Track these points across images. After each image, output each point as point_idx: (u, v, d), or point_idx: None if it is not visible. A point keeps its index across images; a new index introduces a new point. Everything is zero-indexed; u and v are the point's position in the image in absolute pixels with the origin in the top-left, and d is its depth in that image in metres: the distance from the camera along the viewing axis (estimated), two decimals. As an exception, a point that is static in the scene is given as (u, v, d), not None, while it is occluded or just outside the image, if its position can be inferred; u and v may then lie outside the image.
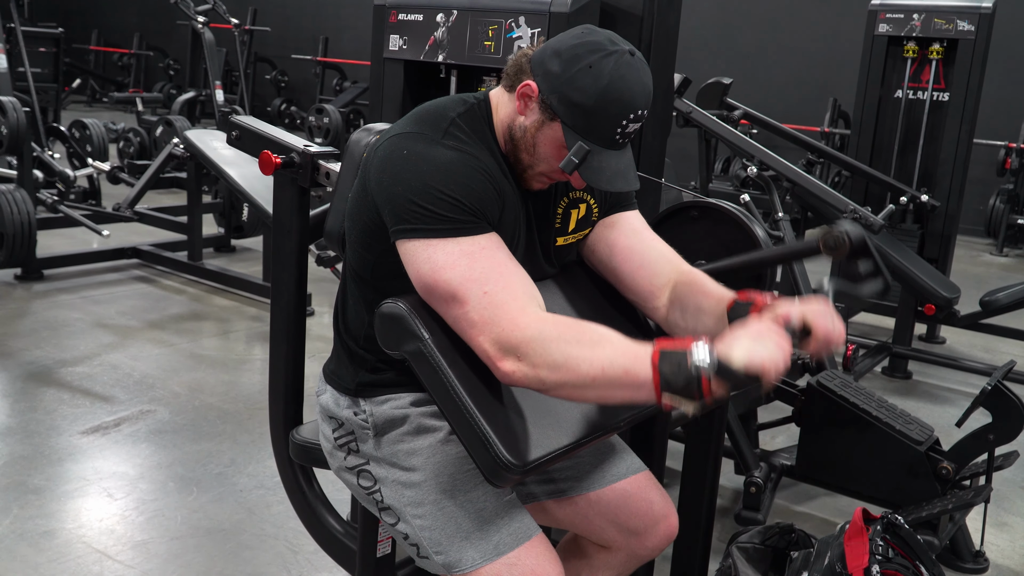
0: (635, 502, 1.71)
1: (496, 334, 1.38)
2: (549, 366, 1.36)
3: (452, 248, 1.41)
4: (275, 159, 1.92)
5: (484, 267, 1.41)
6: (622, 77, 1.43)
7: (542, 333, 1.37)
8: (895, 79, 5.11)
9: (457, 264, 1.41)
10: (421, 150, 1.46)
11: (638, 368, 1.34)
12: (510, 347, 1.37)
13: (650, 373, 1.33)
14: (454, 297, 1.40)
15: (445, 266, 1.41)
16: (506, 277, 1.42)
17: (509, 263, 1.45)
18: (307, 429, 1.96)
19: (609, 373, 1.35)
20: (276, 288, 2.04)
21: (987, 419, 2.61)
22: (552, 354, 1.35)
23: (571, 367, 1.35)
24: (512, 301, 1.39)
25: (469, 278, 1.40)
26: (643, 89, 1.46)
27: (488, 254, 1.43)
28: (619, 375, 1.35)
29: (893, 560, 1.90)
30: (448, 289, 1.40)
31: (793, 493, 3.20)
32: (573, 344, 1.36)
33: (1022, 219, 8.26)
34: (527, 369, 1.37)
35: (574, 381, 1.36)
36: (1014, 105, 8.63)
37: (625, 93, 1.44)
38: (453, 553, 1.52)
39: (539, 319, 1.39)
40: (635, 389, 1.35)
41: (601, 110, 1.43)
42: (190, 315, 4.84)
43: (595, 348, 1.36)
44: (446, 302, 1.41)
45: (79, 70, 14.82)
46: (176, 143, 5.45)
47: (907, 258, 4.32)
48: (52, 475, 2.97)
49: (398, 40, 2.34)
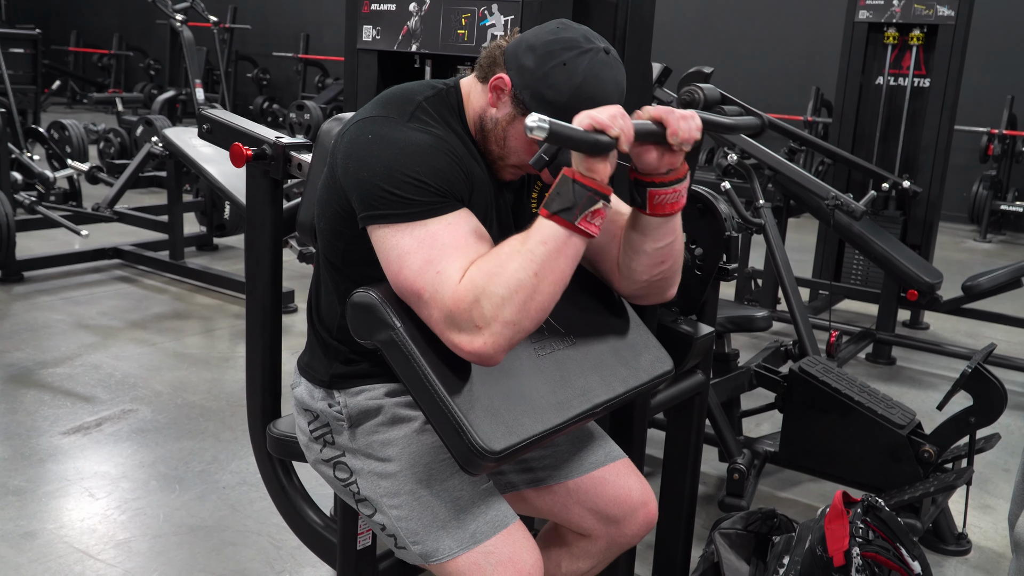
0: (614, 489, 1.70)
1: (447, 314, 1.36)
2: (498, 306, 1.34)
3: (419, 232, 1.40)
4: (246, 151, 1.91)
5: (444, 244, 1.40)
6: (596, 76, 1.43)
7: (476, 288, 1.35)
8: (876, 66, 5.12)
9: (420, 249, 1.40)
10: (386, 133, 1.45)
11: (543, 231, 1.37)
12: (463, 321, 1.35)
13: (551, 223, 1.36)
14: (416, 293, 1.39)
15: (409, 251, 1.40)
16: (460, 248, 1.40)
17: (470, 235, 1.43)
18: (284, 423, 1.95)
19: (537, 259, 1.36)
20: (251, 281, 2.02)
21: (968, 402, 2.62)
22: (494, 296, 1.34)
23: (514, 288, 1.35)
24: (456, 272, 1.38)
25: (428, 260, 1.38)
26: (617, 88, 1.46)
27: (451, 229, 1.42)
28: (543, 252, 1.36)
29: (873, 542, 1.90)
30: (410, 285, 1.39)
31: (777, 479, 3.20)
32: (499, 273, 1.36)
33: (1005, 205, 8.30)
34: (488, 333, 1.35)
35: (526, 294, 1.35)
36: (996, 91, 8.66)
37: (599, 92, 1.43)
38: (430, 543, 1.52)
39: (469, 280, 1.37)
40: (560, 244, 1.36)
41: (574, 108, 1.41)
42: (172, 314, 4.82)
43: (513, 257, 1.37)
44: (410, 300, 1.41)
45: (58, 71, 14.71)
46: (154, 141, 5.42)
47: (890, 244, 4.33)
48: (33, 476, 2.94)
49: (371, 30, 2.33)
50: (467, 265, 1.38)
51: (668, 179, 1.50)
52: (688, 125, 1.44)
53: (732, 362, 3.20)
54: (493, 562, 1.49)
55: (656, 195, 1.50)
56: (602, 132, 1.35)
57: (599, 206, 1.37)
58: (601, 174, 1.37)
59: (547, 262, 1.36)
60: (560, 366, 1.56)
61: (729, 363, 3.17)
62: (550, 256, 1.36)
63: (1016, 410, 3.59)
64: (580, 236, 1.37)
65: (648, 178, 1.50)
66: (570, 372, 1.56)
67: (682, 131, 1.43)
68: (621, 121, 1.36)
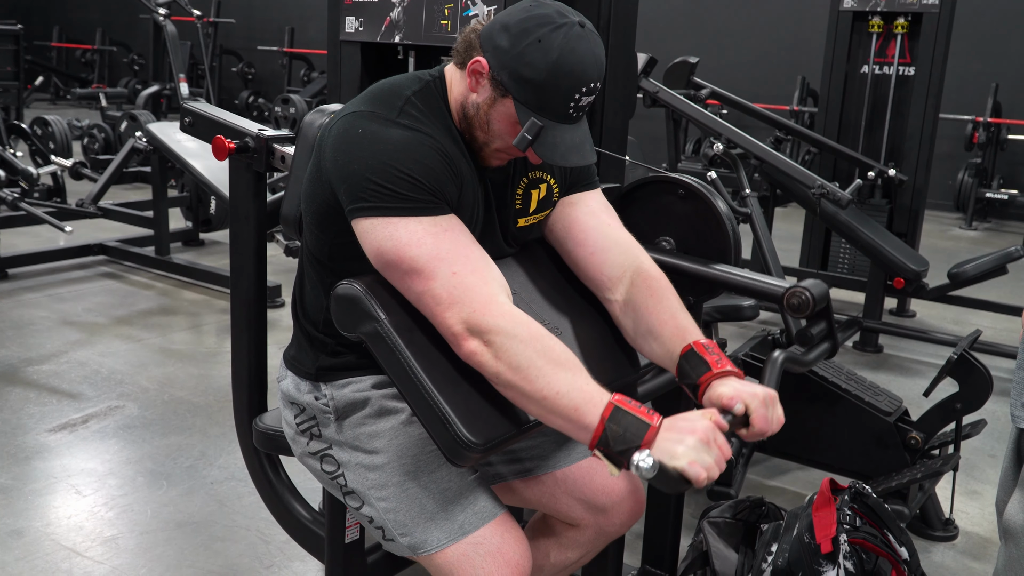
0: (601, 479, 1.70)
1: (466, 315, 1.36)
2: (510, 365, 1.35)
3: (415, 227, 1.40)
4: (228, 144, 1.90)
5: (449, 248, 1.40)
6: (572, 50, 1.41)
7: (514, 330, 1.36)
8: (861, 55, 5.13)
9: (423, 242, 1.39)
10: (376, 129, 1.44)
11: (587, 412, 1.33)
12: (479, 330, 1.36)
13: (596, 424, 1.32)
14: (419, 272, 1.38)
15: (410, 243, 1.39)
16: (473, 261, 1.41)
17: (473, 247, 1.44)
18: (271, 417, 1.94)
19: (560, 401, 1.34)
20: (236, 275, 2.01)
21: (955, 389, 2.63)
22: (518, 355, 1.35)
23: (529, 377, 1.35)
24: (483, 286, 1.38)
25: (436, 256, 1.38)
26: (595, 61, 1.44)
27: (452, 236, 1.42)
28: (567, 408, 1.34)
29: (861, 529, 1.90)
30: (414, 265, 1.39)
31: (765, 468, 3.21)
32: (539, 356, 1.35)
33: (990, 193, 8.33)
34: (489, 357, 1.36)
35: (525, 390, 1.35)
36: (980, 79, 8.69)
37: (576, 66, 1.41)
38: (418, 534, 1.51)
39: (512, 314, 1.38)
40: (575, 427, 1.35)
41: (552, 85, 1.41)
42: (159, 310, 4.80)
43: (557, 370, 1.35)
44: (410, 276, 1.40)
45: (41, 67, 14.59)
46: (139, 136, 5.39)
47: (876, 232, 4.34)
48: (19, 474, 2.93)
49: (354, 22, 2.31)
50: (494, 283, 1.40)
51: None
52: (772, 427, 1.43)
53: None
54: (482, 553, 1.48)
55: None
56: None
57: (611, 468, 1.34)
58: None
59: (557, 409, 1.35)
60: (547, 357, 1.55)
61: (717, 353, 3.17)
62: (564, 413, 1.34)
63: (1002, 396, 3.60)
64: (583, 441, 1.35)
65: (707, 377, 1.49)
66: (557, 363, 1.56)
67: (763, 432, 1.43)
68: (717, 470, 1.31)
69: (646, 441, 1.30)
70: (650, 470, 1.26)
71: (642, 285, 1.61)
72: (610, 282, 1.64)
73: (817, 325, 1.78)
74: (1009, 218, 8.95)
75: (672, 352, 1.55)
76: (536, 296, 1.66)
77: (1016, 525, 1.57)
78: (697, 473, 1.28)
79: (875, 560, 1.88)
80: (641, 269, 1.63)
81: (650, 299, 1.60)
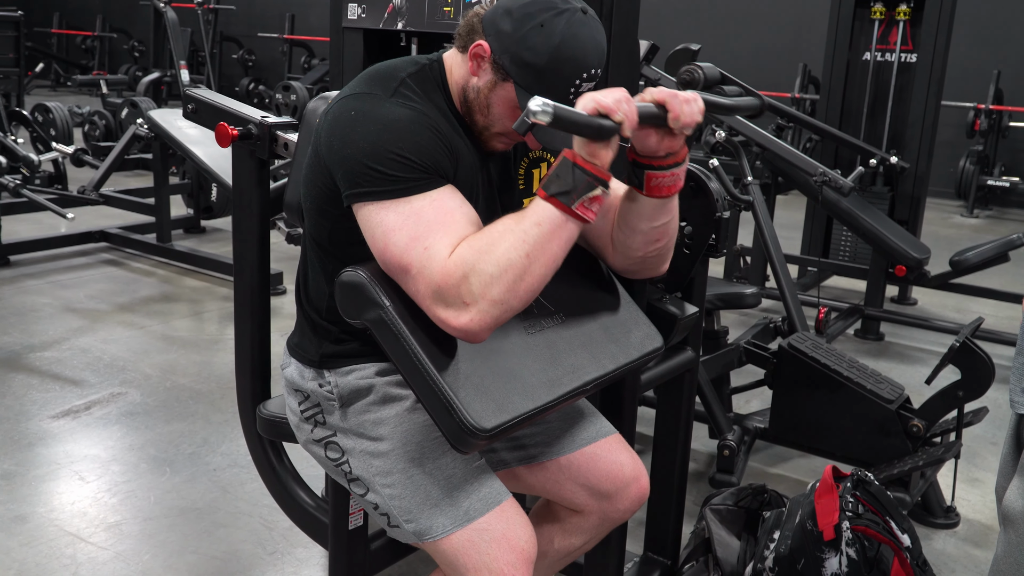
0: (605, 465, 1.70)
1: (434, 289, 1.36)
2: (487, 284, 1.33)
3: (404, 208, 1.40)
4: (232, 131, 1.89)
5: (430, 220, 1.39)
6: (574, 36, 1.41)
7: (466, 264, 1.34)
8: (863, 41, 5.11)
9: (405, 225, 1.39)
10: (368, 109, 1.44)
11: (539, 212, 1.35)
12: (451, 297, 1.35)
13: (548, 205, 1.35)
14: (403, 268, 1.38)
15: (395, 228, 1.39)
16: (447, 224, 1.39)
17: (456, 211, 1.42)
18: (274, 403, 1.94)
19: (530, 240, 1.35)
20: (239, 262, 2.01)
21: (957, 376, 2.63)
22: (483, 274, 1.33)
23: (504, 267, 1.34)
24: (444, 248, 1.37)
25: (414, 237, 1.38)
26: (596, 47, 1.44)
27: (437, 205, 1.41)
28: (536, 234, 1.35)
29: (863, 516, 1.91)
30: (397, 260, 1.38)
31: (767, 455, 3.21)
32: (491, 251, 1.35)
33: (992, 180, 8.32)
34: (475, 310, 1.34)
35: (516, 275, 1.34)
36: (982, 66, 8.66)
37: (578, 52, 1.42)
38: (423, 521, 1.52)
39: (459, 257, 1.36)
40: (555, 227, 1.35)
41: (553, 70, 1.41)
42: (160, 297, 4.80)
43: (505, 236, 1.36)
44: (396, 274, 1.40)
45: (42, 54, 14.56)
46: (140, 123, 5.38)
47: (877, 220, 4.34)
48: (22, 460, 2.93)
49: (356, 8, 2.30)
50: (456, 242, 1.37)
51: (667, 163, 1.48)
52: (691, 109, 1.42)
53: (721, 339, 3.20)
54: (487, 539, 1.49)
55: (654, 177, 1.49)
56: (606, 116, 1.33)
57: (598, 192, 1.36)
58: (603, 159, 1.35)
59: (540, 244, 1.35)
60: (550, 344, 1.56)
61: (719, 340, 3.18)
62: (543, 238, 1.35)
63: (1003, 384, 3.60)
64: (576, 221, 1.37)
65: (647, 160, 1.48)
66: (560, 350, 1.56)
67: (684, 115, 1.41)
68: (626, 106, 1.33)
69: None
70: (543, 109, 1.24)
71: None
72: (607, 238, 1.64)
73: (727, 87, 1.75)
74: (1011, 205, 8.94)
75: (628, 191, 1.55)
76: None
77: (1015, 511, 1.57)
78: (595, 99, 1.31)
79: (877, 547, 1.89)
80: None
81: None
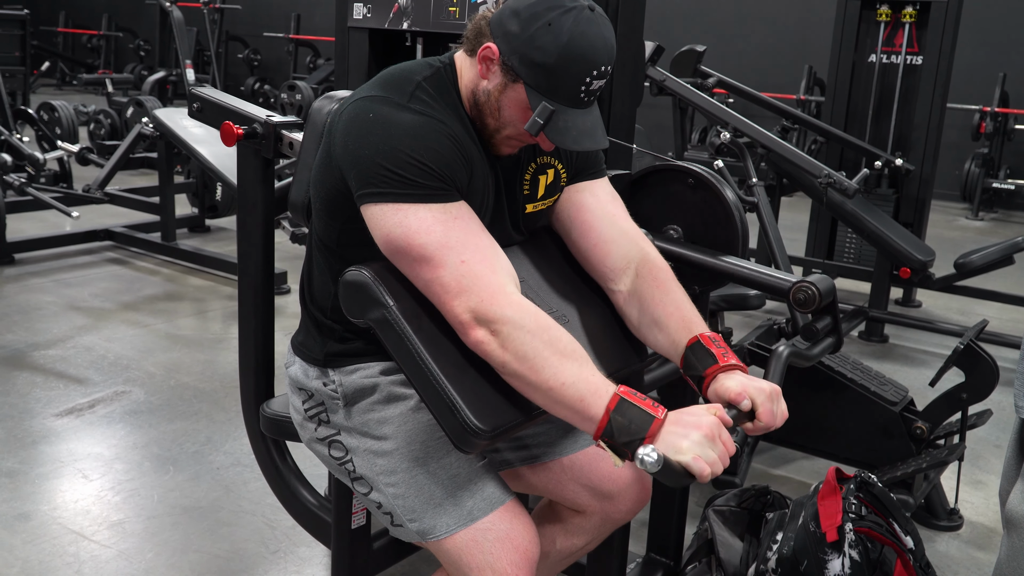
0: (607, 466, 1.70)
1: (474, 304, 1.37)
2: (517, 355, 1.36)
3: (424, 214, 1.40)
4: (237, 130, 1.89)
5: (459, 236, 1.40)
6: (583, 33, 1.41)
7: (521, 320, 1.37)
8: (868, 44, 5.11)
9: (432, 230, 1.39)
10: (387, 113, 1.43)
11: (593, 403, 1.34)
12: (486, 319, 1.37)
13: (601, 415, 1.33)
14: (428, 260, 1.39)
15: (420, 231, 1.39)
16: (482, 250, 1.41)
17: (483, 235, 1.44)
18: (278, 402, 1.95)
19: (565, 392, 1.35)
20: (243, 261, 2.01)
21: (961, 379, 2.63)
22: (524, 345, 1.36)
23: (535, 367, 1.36)
24: (491, 275, 1.39)
25: (445, 244, 1.39)
26: (605, 44, 1.44)
27: (462, 224, 1.42)
28: (573, 398, 1.35)
29: (866, 518, 1.91)
30: (423, 253, 1.39)
31: (770, 457, 3.21)
32: (546, 347, 1.36)
33: (997, 183, 8.30)
34: (496, 346, 1.37)
35: (532, 380, 1.37)
36: (988, 69, 8.65)
37: (587, 49, 1.41)
38: (427, 520, 1.52)
39: (520, 304, 1.39)
40: (580, 418, 1.36)
41: (563, 68, 1.41)
42: (165, 296, 4.80)
43: (563, 361, 1.36)
44: (418, 263, 1.40)
45: (47, 53, 14.57)
46: (145, 122, 5.38)
47: (882, 222, 4.33)
48: (26, 458, 2.94)
49: (362, 8, 2.31)
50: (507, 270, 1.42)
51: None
52: (776, 421, 1.45)
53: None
54: (490, 539, 1.49)
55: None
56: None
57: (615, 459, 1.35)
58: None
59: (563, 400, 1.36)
60: (554, 345, 1.56)
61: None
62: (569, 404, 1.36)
63: (1008, 386, 3.60)
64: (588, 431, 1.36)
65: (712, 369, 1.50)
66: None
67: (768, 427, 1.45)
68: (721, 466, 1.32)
69: (650, 434, 1.30)
70: (655, 464, 1.26)
71: (647, 276, 1.62)
72: (614, 272, 1.64)
73: (822, 320, 1.78)
74: (1016, 208, 8.92)
75: (677, 343, 1.55)
76: (543, 284, 1.66)
77: (1019, 515, 1.56)
78: (701, 468, 1.29)
79: (880, 549, 1.88)
80: (646, 260, 1.63)
81: (655, 290, 1.61)
